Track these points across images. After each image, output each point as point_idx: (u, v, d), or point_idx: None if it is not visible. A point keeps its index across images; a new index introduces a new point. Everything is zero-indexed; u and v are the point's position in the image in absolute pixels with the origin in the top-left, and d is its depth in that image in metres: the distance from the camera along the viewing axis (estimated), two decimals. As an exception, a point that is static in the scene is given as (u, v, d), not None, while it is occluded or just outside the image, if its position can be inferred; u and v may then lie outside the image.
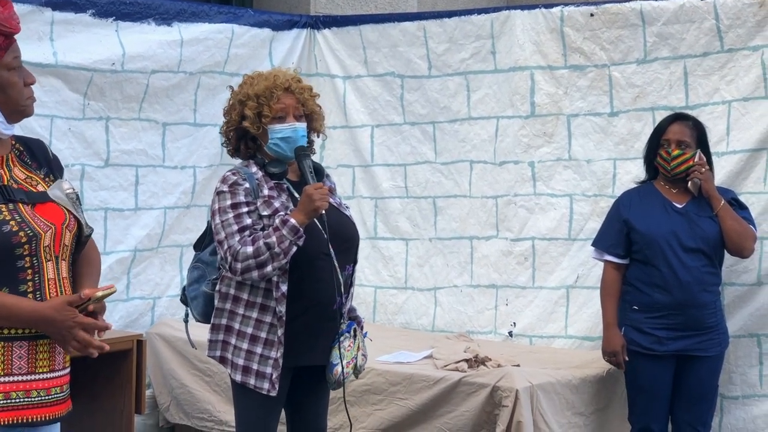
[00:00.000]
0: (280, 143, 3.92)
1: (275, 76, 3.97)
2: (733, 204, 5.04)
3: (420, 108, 6.40)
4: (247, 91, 3.95)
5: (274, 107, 3.91)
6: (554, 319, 5.91)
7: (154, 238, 5.99)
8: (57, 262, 2.90)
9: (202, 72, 6.08)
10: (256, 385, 3.83)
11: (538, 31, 5.95)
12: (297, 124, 3.94)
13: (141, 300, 5.97)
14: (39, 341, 2.87)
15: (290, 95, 3.95)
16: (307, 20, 6.71)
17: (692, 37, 5.53)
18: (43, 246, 2.86)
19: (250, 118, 3.91)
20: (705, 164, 4.99)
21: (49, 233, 2.87)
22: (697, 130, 5.04)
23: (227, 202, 3.84)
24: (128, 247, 5.86)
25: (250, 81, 4.00)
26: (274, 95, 3.92)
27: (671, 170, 5.01)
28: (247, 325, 3.85)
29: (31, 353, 2.86)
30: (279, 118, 3.92)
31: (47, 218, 2.89)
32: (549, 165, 5.98)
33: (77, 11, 5.53)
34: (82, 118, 5.61)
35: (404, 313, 6.44)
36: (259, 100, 3.91)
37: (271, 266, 3.74)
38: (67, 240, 2.94)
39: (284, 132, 3.92)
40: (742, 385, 5.37)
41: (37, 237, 2.84)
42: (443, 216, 6.34)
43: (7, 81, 2.88)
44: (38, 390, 2.88)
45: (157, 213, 6.00)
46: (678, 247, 4.92)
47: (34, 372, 2.87)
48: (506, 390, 4.71)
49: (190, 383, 5.72)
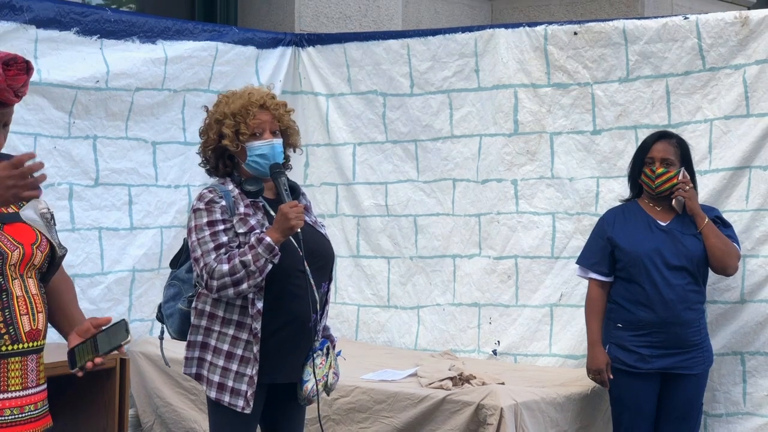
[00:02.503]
0: (258, 160, 3.94)
1: (249, 94, 3.99)
2: (717, 222, 5.06)
3: (402, 126, 6.41)
4: (223, 110, 3.97)
5: (251, 124, 3.92)
6: (538, 337, 5.91)
7: (153, 259, 5.98)
8: (23, 280, 2.91)
9: (187, 90, 6.08)
10: (231, 402, 3.83)
11: (522, 49, 5.97)
12: (274, 140, 3.96)
13: (141, 322, 5.95)
14: (10, 359, 2.87)
15: (266, 111, 3.97)
16: (291, 38, 6.72)
17: (674, 55, 5.57)
18: (9, 264, 2.87)
19: (228, 136, 3.93)
20: (689, 182, 5.01)
21: (17, 252, 2.89)
22: (681, 148, 5.07)
23: (203, 219, 3.85)
24: (126, 267, 5.85)
25: (226, 100, 4.02)
26: (250, 112, 3.93)
27: (655, 188, 5.03)
28: (224, 341, 3.86)
29: (2, 371, 2.86)
30: (256, 135, 3.94)
31: (16, 238, 2.90)
32: (532, 183, 5.99)
33: (62, 29, 5.52)
34: (68, 136, 5.60)
35: (387, 331, 6.43)
36: (236, 118, 3.93)
37: (246, 284, 3.75)
38: (37, 260, 2.96)
39: (262, 148, 3.93)
40: (726, 403, 5.38)
41: (3, 256, 2.85)
42: (424, 234, 6.34)
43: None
44: (11, 408, 2.87)
45: (154, 232, 5.99)
46: (662, 265, 4.94)
47: (6, 390, 2.87)
48: (491, 408, 4.71)
49: (175, 402, 5.70)
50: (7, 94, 2.91)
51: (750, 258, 5.32)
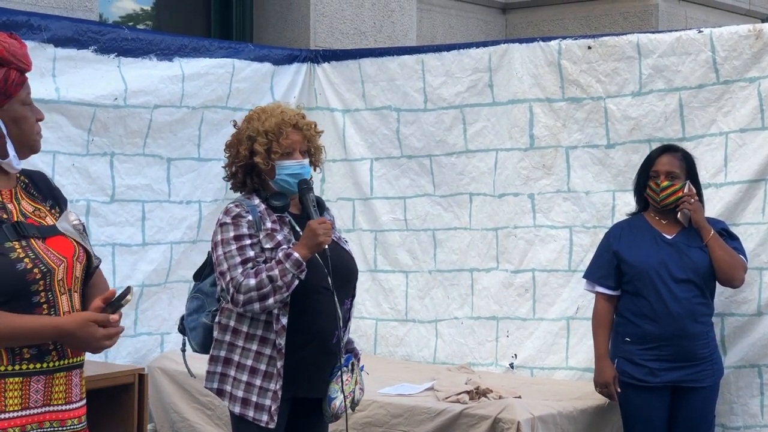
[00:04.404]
0: (288, 179, 3.96)
1: (282, 112, 4.02)
2: (724, 234, 5.06)
3: (416, 141, 6.43)
4: (257, 127, 3.98)
5: (284, 143, 3.95)
6: (555, 350, 5.92)
7: (161, 273, 6.00)
8: (70, 295, 2.93)
9: (205, 107, 6.11)
10: (255, 417, 3.84)
11: (537, 64, 5.99)
12: (304, 161, 4.00)
13: (148, 336, 5.97)
14: (56, 375, 2.90)
15: (298, 132, 4.01)
16: (307, 54, 6.75)
17: (688, 69, 5.57)
18: (57, 280, 2.88)
19: (260, 153, 3.95)
20: (694, 195, 5.02)
21: (62, 267, 2.90)
22: (686, 161, 5.08)
23: (230, 234, 3.87)
24: (136, 282, 5.86)
25: (258, 116, 4.02)
26: (283, 132, 3.96)
27: (660, 201, 5.04)
28: (247, 357, 3.88)
29: (48, 386, 2.89)
30: (287, 154, 3.96)
31: (59, 252, 2.92)
32: (548, 197, 6.00)
33: (79, 48, 5.56)
34: (86, 153, 5.63)
35: (405, 345, 6.44)
36: (268, 136, 3.95)
37: (273, 299, 3.77)
38: (78, 272, 2.97)
39: (293, 168, 3.96)
40: (744, 415, 5.37)
41: (51, 272, 2.87)
42: (442, 248, 6.35)
43: (21, 115, 2.94)
44: (51, 421, 2.90)
45: (164, 248, 6.01)
46: (668, 278, 4.94)
47: (49, 404, 2.89)
48: (508, 422, 4.72)
49: (192, 416, 5.72)
50: (28, 58, 2.95)
51: (767, 270, 5.31)
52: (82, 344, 2.85)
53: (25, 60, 2.93)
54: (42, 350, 2.85)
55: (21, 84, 2.93)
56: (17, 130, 2.94)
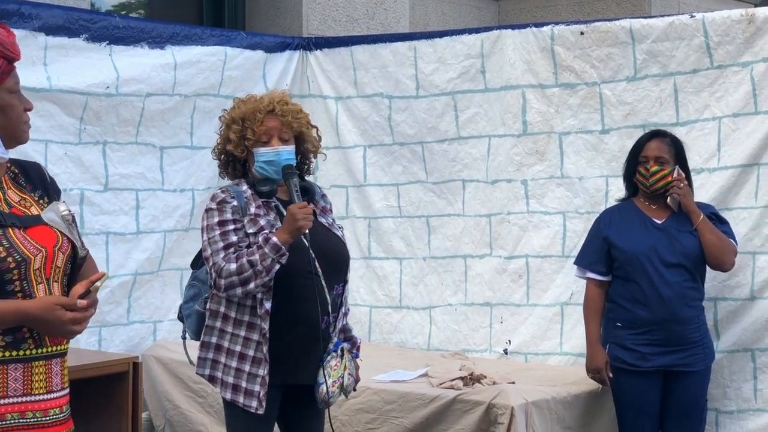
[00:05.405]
0: (264, 166, 3.95)
1: (260, 99, 4.00)
2: (713, 218, 5.07)
3: (408, 128, 6.42)
4: (232, 115, 3.99)
5: (257, 130, 3.94)
6: (549, 336, 5.93)
7: (154, 262, 6.00)
8: (48, 284, 2.92)
9: (197, 95, 6.10)
10: (245, 403, 3.86)
11: (529, 50, 5.98)
12: (281, 148, 3.95)
13: (141, 324, 5.97)
14: (34, 363, 2.88)
15: (274, 118, 3.97)
16: (299, 42, 6.73)
17: (682, 54, 5.57)
18: (33, 269, 2.87)
19: (233, 141, 3.95)
20: (683, 179, 5.02)
21: (39, 257, 2.89)
22: (675, 146, 5.09)
23: (215, 219, 3.89)
24: (129, 270, 5.87)
25: (236, 104, 4.04)
26: (257, 118, 3.94)
27: (650, 186, 5.05)
28: (236, 343, 3.89)
29: (27, 375, 2.87)
30: (263, 142, 3.95)
31: (38, 241, 2.91)
32: (542, 183, 6.00)
33: (71, 36, 5.55)
34: (79, 142, 5.62)
35: (399, 332, 6.45)
36: (243, 123, 3.95)
37: (254, 283, 3.77)
38: (60, 262, 2.95)
39: (267, 155, 3.95)
40: (737, 399, 5.38)
41: (27, 261, 2.85)
42: (437, 235, 6.36)
43: (8, 103, 2.93)
44: (34, 411, 2.89)
45: (158, 236, 6.01)
46: (658, 263, 4.95)
47: (30, 393, 2.88)
48: (502, 407, 4.73)
49: (183, 405, 5.72)
50: (16, 47, 2.93)
51: (760, 255, 5.32)
52: (50, 328, 2.82)
53: (13, 48, 2.92)
54: (17, 338, 2.84)
55: (8, 72, 2.92)
56: (4, 119, 2.93)
